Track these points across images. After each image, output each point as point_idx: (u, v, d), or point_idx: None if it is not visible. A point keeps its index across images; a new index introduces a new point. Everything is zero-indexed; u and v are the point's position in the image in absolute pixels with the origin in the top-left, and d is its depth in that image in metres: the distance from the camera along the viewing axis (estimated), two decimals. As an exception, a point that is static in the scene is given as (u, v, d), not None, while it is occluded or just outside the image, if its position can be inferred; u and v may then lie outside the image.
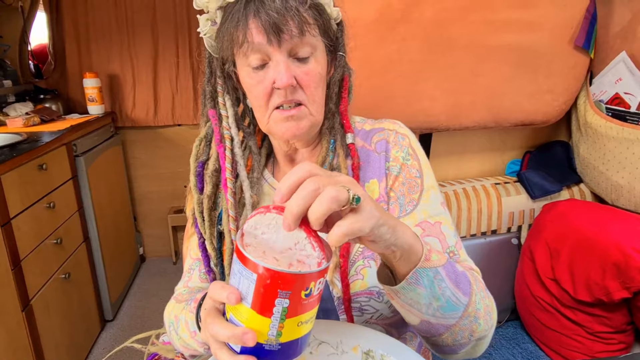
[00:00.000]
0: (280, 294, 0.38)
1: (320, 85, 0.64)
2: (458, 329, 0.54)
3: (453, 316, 0.53)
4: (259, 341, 0.41)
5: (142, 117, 2.55)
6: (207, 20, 0.64)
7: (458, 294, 0.52)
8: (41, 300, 1.53)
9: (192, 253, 0.75)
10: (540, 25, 1.21)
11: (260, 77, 0.61)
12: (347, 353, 0.61)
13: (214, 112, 0.70)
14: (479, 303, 0.55)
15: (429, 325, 0.54)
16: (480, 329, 0.55)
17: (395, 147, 0.69)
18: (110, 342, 2.00)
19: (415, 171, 0.68)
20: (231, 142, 0.69)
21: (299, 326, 0.41)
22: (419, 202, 0.66)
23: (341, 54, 0.68)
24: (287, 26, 0.57)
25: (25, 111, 2.06)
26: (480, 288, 0.57)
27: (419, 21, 1.19)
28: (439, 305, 0.51)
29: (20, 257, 1.42)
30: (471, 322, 0.54)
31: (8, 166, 1.38)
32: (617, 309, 0.97)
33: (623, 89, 1.19)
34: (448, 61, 1.23)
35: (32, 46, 2.47)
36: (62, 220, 1.73)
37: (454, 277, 0.52)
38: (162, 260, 2.78)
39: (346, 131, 0.69)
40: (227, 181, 0.67)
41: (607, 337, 1.00)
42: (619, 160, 1.16)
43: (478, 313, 0.54)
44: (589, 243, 0.99)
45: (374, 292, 0.65)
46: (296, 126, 0.63)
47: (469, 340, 0.55)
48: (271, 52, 0.59)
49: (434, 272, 0.49)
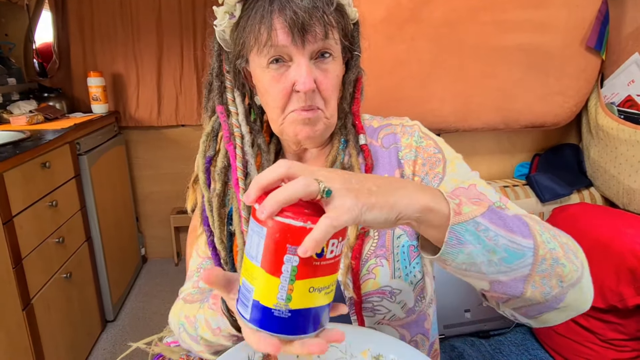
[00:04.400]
0: (289, 250, 0.37)
1: (336, 88, 0.63)
2: (539, 278, 0.46)
3: (523, 264, 0.45)
4: (268, 305, 0.39)
5: (146, 117, 2.54)
6: (225, 13, 0.61)
7: (516, 239, 0.45)
8: (42, 299, 1.51)
9: (200, 252, 0.73)
10: (552, 26, 1.19)
11: (279, 76, 0.59)
12: (356, 357, 0.59)
13: (222, 108, 0.67)
14: (550, 242, 0.47)
15: (502, 285, 0.46)
16: (567, 271, 0.47)
17: (404, 135, 0.68)
18: (111, 342, 1.98)
19: (432, 149, 0.66)
20: (241, 140, 0.67)
21: (311, 292, 0.39)
22: (445, 174, 0.63)
23: (357, 53, 0.66)
24: (313, 27, 0.55)
25: (29, 109, 2.06)
26: (545, 227, 0.50)
27: (429, 21, 1.17)
28: (500, 258, 0.44)
29: (22, 256, 1.40)
30: (551, 265, 0.46)
31: (11, 163, 1.37)
32: (631, 316, 0.95)
33: (636, 91, 1.17)
34: (457, 61, 1.21)
35: (36, 45, 2.47)
36: (65, 219, 1.72)
37: (502, 223, 0.46)
38: (163, 262, 2.77)
39: (358, 132, 0.68)
40: (238, 181, 0.65)
41: (620, 345, 0.97)
42: (632, 164, 1.14)
43: (555, 253, 0.47)
44: (602, 248, 0.97)
45: (386, 291, 0.64)
46: (311, 129, 0.61)
47: (562, 288, 0.47)
48: (294, 53, 0.57)
49: (473, 224, 0.43)
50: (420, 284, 0.66)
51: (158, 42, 2.44)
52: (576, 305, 0.50)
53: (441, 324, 1.16)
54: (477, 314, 1.17)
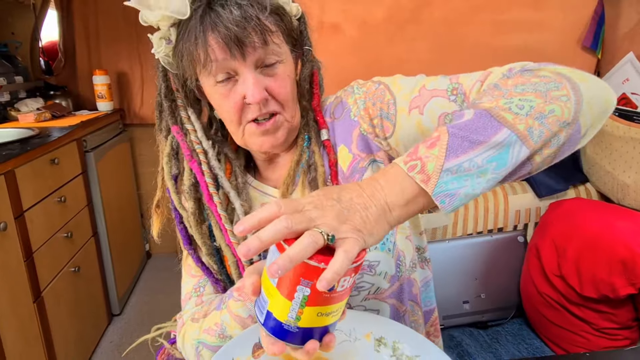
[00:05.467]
0: (302, 282, 0.40)
1: (291, 89, 0.62)
2: (540, 144, 0.44)
3: (516, 152, 0.43)
4: (279, 319, 0.42)
5: (150, 114, 2.57)
6: (160, 39, 0.61)
7: (490, 143, 0.43)
8: (52, 292, 1.55)
9: (194, 272, 0.72)
10: (548, 26, 1.22)
11: (228, 92, 0.59)
12: (360, 340, 0.63)
13: (177, 127, 0.66)
14: (524, 106, 0.44)
15: (513, 175, 0.45)
16: (560, 112, 0.44)
17: (348, 97, 0.68)
18: (117, 335, 2.02)
19: (373, 87, 0.65)
20: (205, 155, 0.66)
21: (319, 316, 0.42)
22: (395, 97, 0.62)
23: (307, 48, 0.66)
24: (250, 38, 0.55)
25: (36, 107, 2.09)
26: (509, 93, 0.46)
27: (428, 21, 1.21)
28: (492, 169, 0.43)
29: (33, 249, 1.44)
30: (541, 124, 0.43)
31: (22, 160, 1.40)
32: (623, 305, 0.99)
33: (630, 89, 1.21)
34: (456, 61, 1.25)
35: (42, 43, 2.50)
36: (73, 214, 1.76)
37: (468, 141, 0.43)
38: (167, 257, 2.80)
39: (320, 127, 0.68)
40: (212, 196, 0.65)
41: (613, 333, 1.01)
42: (626, 160, 1.17)
43: (536, 111, 0.44)
44: (595, 240, 1.00)
45: (364, 267, 0.65)
46: (274, 138, 0.62)
47: (569, 125, 0.45)
48: (237, 67, 0.57)
49: (446, 174, 0.42)
50: (396, 249, 0.67)
51: (162, 41, 2.47)
52: (597, 115, 0.46)
53: (440, 315, 1.19)
54: (475, 305, 1.21)
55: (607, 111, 0.48)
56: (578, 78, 0.47)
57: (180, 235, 0.70)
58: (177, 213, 0.69)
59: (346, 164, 0.66)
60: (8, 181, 1.32)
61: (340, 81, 1.28)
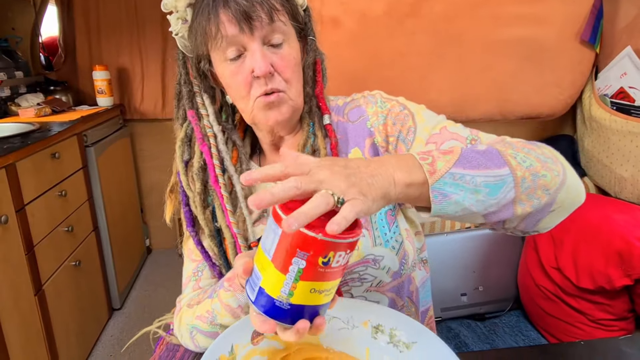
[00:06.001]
0: (299, 254, 0.40)
1: (296, 70, 0.66)
2: (525, 196, 0.50)
3: (506, 191, 0.49)
4: (272, 295, 0.43)
5: (150, 109, 2.58)
6: (177, 19, 0.66)
7: (492, 172, 0.49)
8: (53, 285, 1.56)
9: (194, 256, 0.75)
10: (547, 19, 1.22)
11: (238, 68, 0.63)
12: (357, 327, 0.63)
13: (192, 112, 0.71)
14: (526, 160, 0.51)
15: (495, 214, 0.51)
16: (549, 179, 0.51)
17: (369, 105, 0.71)
18: (118, 329, 2.03)
19: (397, 108, 0.69)
20: (215, 139, 0.70)
21: (312, 293, 0.42)
22: (416, 126, 0.67)
23: (311, 38, 0.70)
24: (257, 13, 0.59)
25: (36, 102, 2.10)
26: (518, 148, 0.53)
27: (428, 15, 1.21)
28: (485, 194, 0.49)
29: (34, 243, 1.45)
30: (533, 180, 0.50)
31: (22, 154, 1.41)
32: (619, 297, 0.99)
33: (628, 83, 1.21)
34: (456, 54, 1.25)
35: (42, 38, 2.50)
36: (73, 208, 1.76)
37: (476, 162, 0.49)
38: (168, 252, 2.82)
39: (323, 113, 0.71)
40: (217, 177, 0.69)
41: (609, 324, 1.02)
42: (623, 154, 1.18)
43: (533, 169, 0.50)
44: (592, 233, 1.01)
45: (369, 260, 0.67)
46: (278, 112, 0.65)
47: (549, 195, 0.51)
48: (246, 42, 0.61)
49: (449, 176, 0.47)
50: (401, 248, 0.70)
51: (162, 36, 2.47)
52: (569, 202, 0.53)
53: (438, 307, 1.20)
54: (473, 297, 1.21)
55: (576, 204, 0.55)
56: (568, 167, 0.55)
57: (184, 217, 0.72)
58: (184, 194, 0.72)
59: None
60: (9, 175, 1.33)
61: (341, 74, 1.28)
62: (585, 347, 0.69)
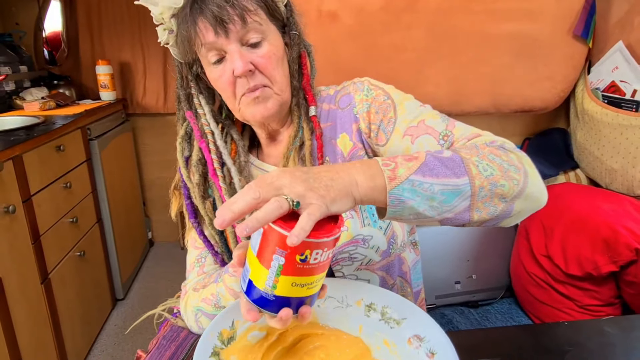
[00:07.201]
0: (278, 251, 0.44)
1: (278, 66, 0.69)
2: (481, 204, 0.53)
3: (462, 199, 0.52)
4: (258, 287, 0.47)
5: (152, 104, 2.61)
6: (164, 30, 0.70)
7: (450, 181, 0.51)
8: (58, 274, 1.60)
9: (197, 244, 0.79)
10: (541, 14, 1.25)
11: (221, 71, 0.67)
12: (351, 306, 0.67)
13: (190, 112, 0.75)
14: (487, 169, 0.53)
15: (450, 220, 0.53)
16: (507, 189, 0.53)
17: (356, 92, 0.74)
18: (121, 319, 2.08)
19: (382, 97, 0.71)
20: (212, 135, 0.74)
21: (293, 287, 0.46)
22: (397, 117, 0.69)
23: (294, 32, 0.73)
24: (229, 16, 0.62)
25: (41, 96, 2.13)
26: (483, 154, 0.55)
27: (424, 10, 1.24)
28: (439, 201, 0.51)
29: (40, 233, 1.49)
30: (490, 190, 0.52)
31: (29, 146, 1.44)
32: (605, 283, 1.03)
33: (619, 77, 1.24)
34: (451, 49, 1.28)
35: (46, 33, 2.53)
36: (78, 200, 1.80)
37: (437, 170, 0.52)
38: (170, 245, 2.86)
39: (309, 104, 0.75)
40: (215, 170, 0.73)
41: (596, 310, 1.06)
42: (614, 146, 1.21)
43: (492, 178, 0.53)
44: (581, 221, 1.04)
45: (359, 240, 0.71)
46: (264, 107, 0.68)
47: (506, 203, 0.54)
48: (224, 45, 0.64)
49: (408, 183, 0.50)
50: (389, 229, 0.73)
51: (164, 31, 2.50)
52: (528, 209, 0.56)
53: (433, 294, 1.24)
54: (467, 285, 1.25)
55: (536, 209, 0.58)
56: (532, 175, 0.56)
57: (187, 210, 0.77)
58: (185, 187, 0.76)
59: (347, 150, 0.74)
60: (16, 166, 1.37)
61: (339, 68, 1.31)
62: (569, 327, 0.73)
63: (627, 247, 0.94)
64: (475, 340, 0.70)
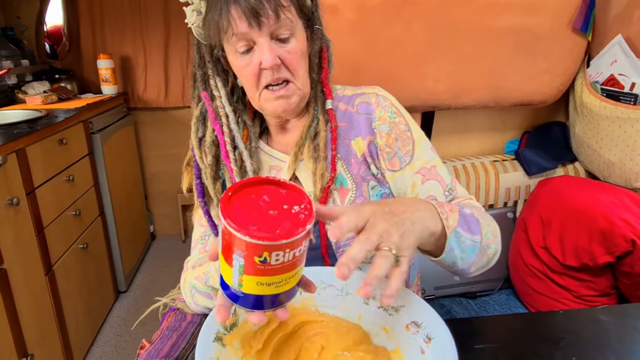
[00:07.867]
0: (236, 252, 0.41)
1: (302, 61, 0.71)
2: (478, 259, 0.63)
3: (475, 254, 0.62)
4: (228, 283, 0.45)
5: (154, 98, 2.62)
6: (192, 11, 0.70)
7: (474, 238, 0.61)
8: (62, 266, 1.62)
9: (203, 222, 0.81)
10: (540, 8, 1.26)
11: (248, 60, 0.68)
12: (351, 294, 0.69)
13: (206, 93, 0.76)
14: (488, 233, 0.64)
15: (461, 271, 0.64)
16: (492, 252, 0.66)
17: (378, 107, 0.77)
18: (124, 311, 2.10)
19: (403, 126, 0.76)
20: (227, 118, 0.76)
21: (259, 285, 0.43)
22: (414, 153, 0.75)
23: (318, 27, 0.74)
24: (264, 10, 0.63)
25: (42, 90, 2.14)
26: (485, 218, 0.66)
27: (424, 4, 1.24)
28: (467, 254, 0.61)
29: (44, 225, 1.51)
30: (485, 250, 0.63)
31: (32, 139, 1.46)
32: (602, 274, 1.04)
33: (618, 70, 1.24)
34: (451, 43, 1.28)
35: (47, 27, 2.53)
36: (80, 193, 1.82)
37: (467, 226, 0.60)
38: (171, 239, 2.88)
39: (326, 98, 0.77)
40: (228, 153, 0.75)
41: (592, 300, 1.07)
42: (612, 139, 1.22)
43: (488, 241, 0.64)
44: (578, 213, 1.06)
45: None
46: (286, 103, 0.71)
47: (486, 264, 0.68)
48: (255, 37, 0.66)
49: (455, 234, 0.57)
50: None
51: (165, 25, 2.50)
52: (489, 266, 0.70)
53: (432, 286, 1.26)
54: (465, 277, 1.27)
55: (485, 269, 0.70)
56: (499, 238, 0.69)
57: (196, 189, 0.78)
58: (197, 167, 0.78)
59: (361, 151, 0.77)
60: (20, 159, 1.38)
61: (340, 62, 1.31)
62: (564, 316, 0.74)
63: (624, 238, 0.96)
64: (472, 327, 0.71)
